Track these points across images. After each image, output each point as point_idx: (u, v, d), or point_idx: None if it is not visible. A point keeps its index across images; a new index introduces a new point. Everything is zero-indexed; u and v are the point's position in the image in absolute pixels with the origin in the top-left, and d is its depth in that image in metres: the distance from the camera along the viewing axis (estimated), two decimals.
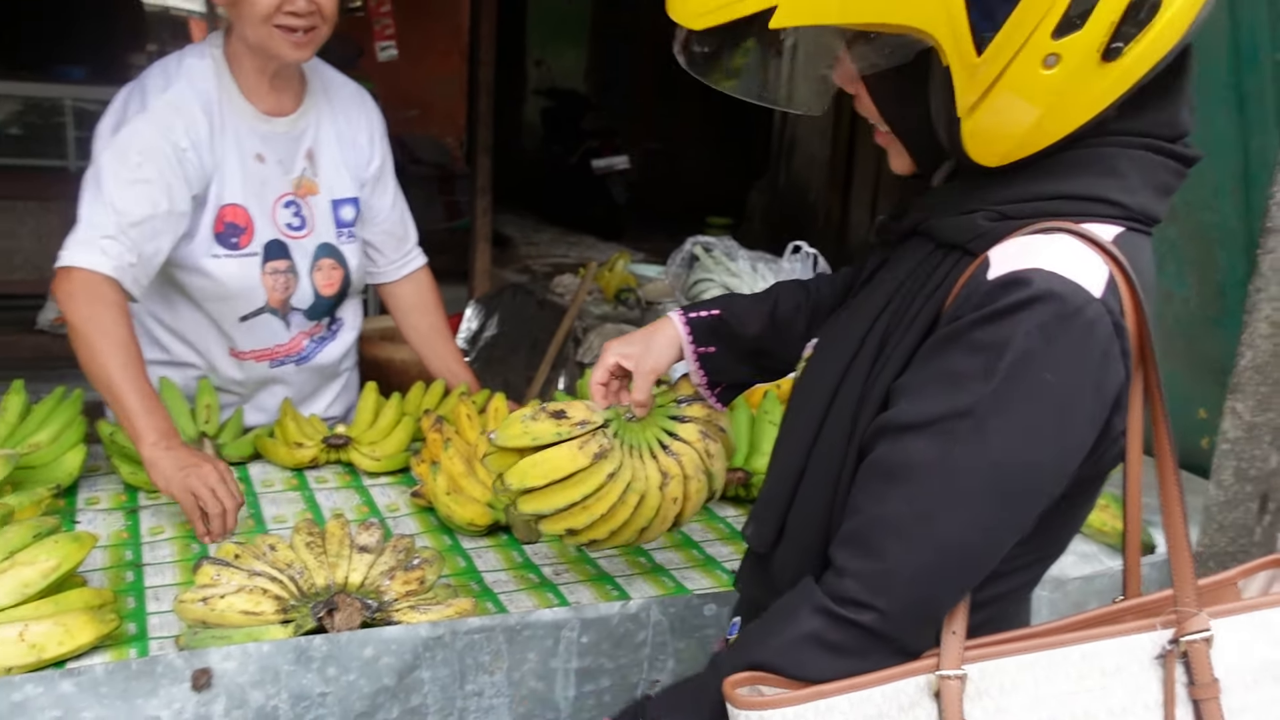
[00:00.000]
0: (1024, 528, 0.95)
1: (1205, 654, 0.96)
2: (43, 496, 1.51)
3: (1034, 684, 0.95)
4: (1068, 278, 0.89)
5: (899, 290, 1.05)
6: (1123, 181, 0.96)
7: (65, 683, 1.17)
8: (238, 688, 1.24)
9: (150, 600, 1.42)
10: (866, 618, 0.93)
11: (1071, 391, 0.90)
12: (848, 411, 1.03)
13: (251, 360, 2.01)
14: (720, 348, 1.38)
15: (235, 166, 1.87)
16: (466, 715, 1.37)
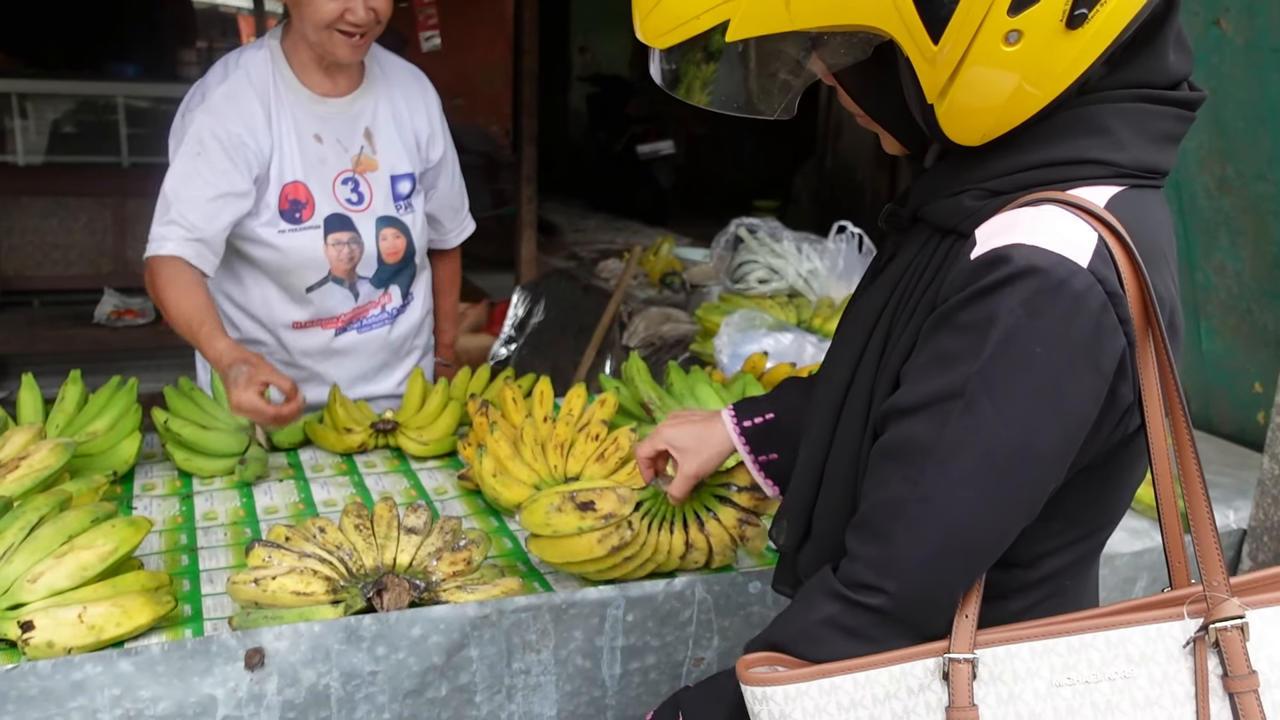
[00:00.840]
0: (1030, 507, 0.93)
1: (1240, 643, 0.92)
2: (100, 483, 1.55)
3: (1050, 671, 0.92)
4: (1050, 250, 0.87)
5: (901, 279, 1.03)
6: (1111, 139, 0.94)
7: (123, 662, 1.20)
8: (290, 666, 1.26)
9: (205, 583, 1.45)
10: (877, 600, 0.93)
11: (1064, 365, 0.88)
12: (862, 404, 1.03)
13: (316, 328, 2.08)
14: (783, 453, 1.33)
15: (294, 146, 1.98)
16: (514, 693, 1.39)
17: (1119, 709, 0.92)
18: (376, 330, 2.14)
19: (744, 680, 0.95)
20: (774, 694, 0.94)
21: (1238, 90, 1.95)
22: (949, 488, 0.91)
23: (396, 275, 2.12)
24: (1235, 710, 0.92)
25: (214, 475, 1.80)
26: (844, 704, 0.93)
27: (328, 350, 2.11)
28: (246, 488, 1.77)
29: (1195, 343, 2.24)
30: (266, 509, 1.70)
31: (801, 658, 0.95)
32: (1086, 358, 0.88)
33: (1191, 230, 2.14)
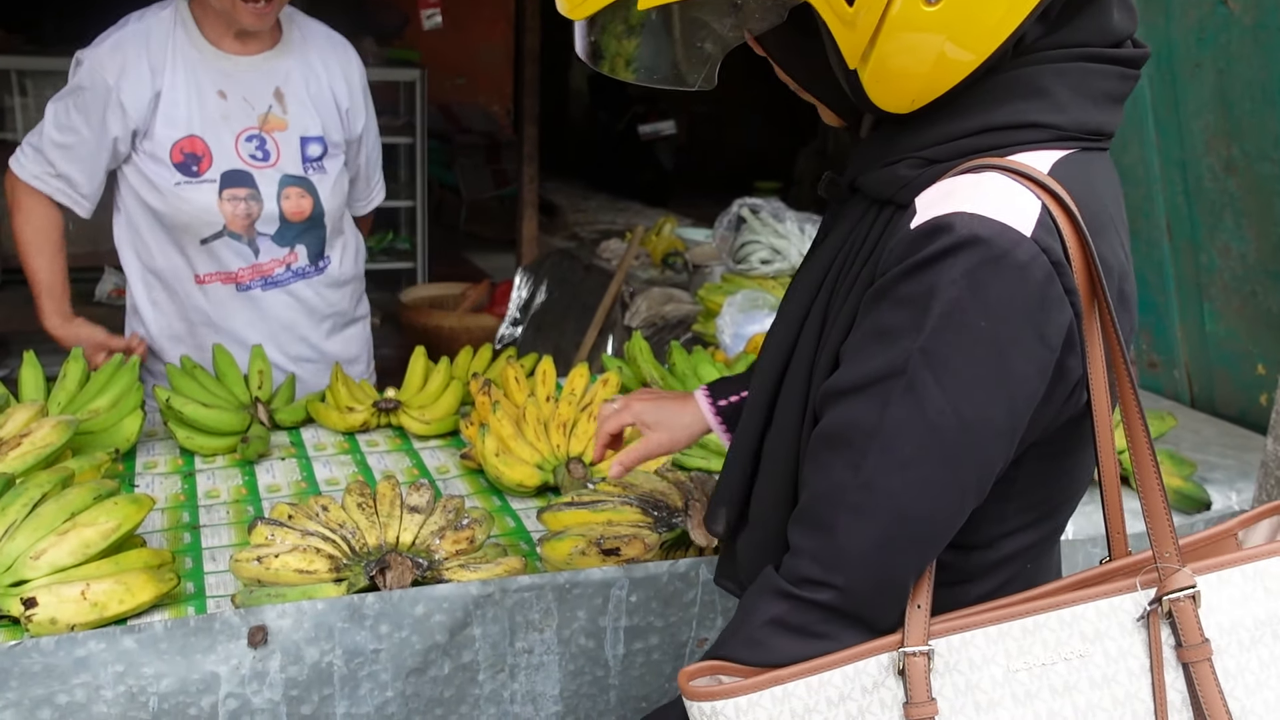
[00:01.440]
0: (979, 486, 0.89)
1: (1192, 612, 0.89)
2: (102, 460, 1.55)
3: (1006, 657, 0.89)
4: (992, 219, 0.83)
5: (839, 253, 1.00)
6: (1051, 100, 0.90)
7: (127, 639, 1.20)
8: (293, 644, 1.26)
9: (207, 561, 1.45)
10: (824, 596, 0.89)
11: (1008, 339, 0.84)
12: (800, 385, 0.99)
13: (216, 283, 2.09)
14: None
15: (191, 101, 2.01)
16: (517, 672, 1.39)
17: (1077, 688, 0.89)
18: (284, 288, 2.14)
19: (688, 695, 0.90)
20: (724, 708, 0.88)
21: (1245, 70, 1.93)
22: (893, 471, 0.87)
23: (302, 235, 2.12)
24: (1190, 680, 0.90)
25: (216, 453, 1.80)
26: (798, 711, 0.88)
27: (234, 306, 2.11)
28: (249, 466, 1.77)
29: (1199, 324, 2.24)
30: (269, 487, 1.70)
31: (748, 664, 0.90)
32: (1032, 330, 0.85)
33: (1196, 211, 2.13)
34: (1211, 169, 2.07)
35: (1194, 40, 1.99)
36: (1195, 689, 0.89)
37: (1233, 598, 0.91)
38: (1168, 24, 2.03)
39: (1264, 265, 2.05)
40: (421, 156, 5.77)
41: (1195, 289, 2.21)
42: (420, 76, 5.70)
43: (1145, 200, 2.22)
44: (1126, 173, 2.22)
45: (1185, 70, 2.04)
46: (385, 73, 5.91)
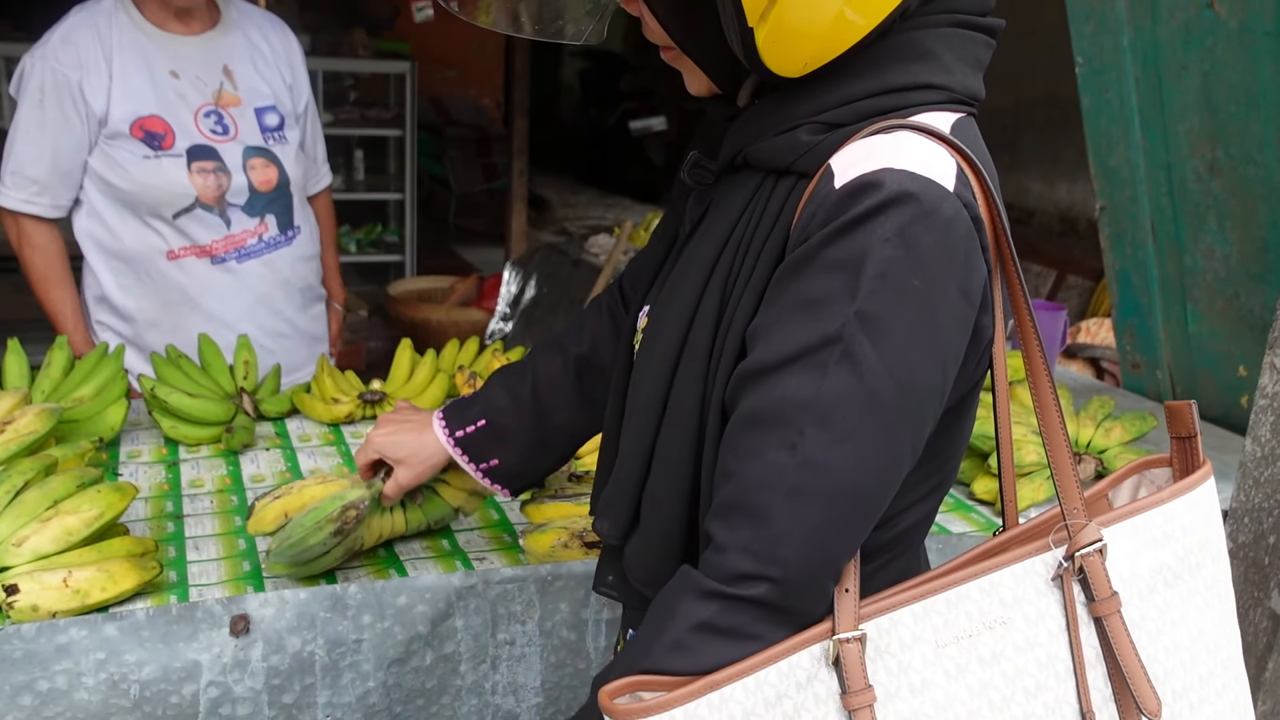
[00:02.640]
0: (914, 453, 0.87)
1: (1100, 566, 0.90)
2: (86, 449, 1.54)
3: (934, 632, 0.87)
4: (920, 174, 0.82)
5: (733, 231, 0.95)
6: (939, 63, 0.90)
7: (108, 626, 1.20)
8: (275, 634, 1.27)
9: (190, 550, 1.45)
10: (759, 590, 0.83)
11: (940, 296, 0.82)
12: (697, 375, 0.93)
13: (191, 258, 2.11)
14: (503, 456, 1.29)
15: (144, 83, 2.04)
16: (498, 664, 1.40)
17: (1004, 656, 0.88)
18: (257, 259, 2.16)
19: (614, 715, 0.83)
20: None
21: (1229, 74, 1.95)
22: (834, 445, 0.82)
23: (271, 204, 2.15)
24: (1102, 633, 0.90)
25: (200, 443, 1.80)
26: (736, 716, 0.83)
27: (210, 280, 2.13)
28: (233, 456, 1.77)
29: (1182, 325, 2.25)
30: (253, 477, 1.70)
31: (677, 674, 0.84)
32: (959, 286, 0.84)
33: (1181, 213, 2.15)
34: (1196, 171, 2.08)
35: (1180, 43, 2.01)
36: (1110, 642, 0.90)
37: (1126, 550, 0.92)
38: (1154, 26, 2.04)
39: (1246, 267, 2.07)
40: (411, 149, 5.76)
41: (1179, 290, 2.23)
42: (411, 68, 5.69)
43: (1130, 202, 2.24)
44: (1113, 174, 2.24)
45: (1171, 73, 2.05)
46: (376, 64, 5.89)
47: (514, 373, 1.30)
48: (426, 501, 1.44)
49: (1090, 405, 1.91)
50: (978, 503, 1.72)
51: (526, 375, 1.29)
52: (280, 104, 2.18)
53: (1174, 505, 0.95)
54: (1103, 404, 1.92)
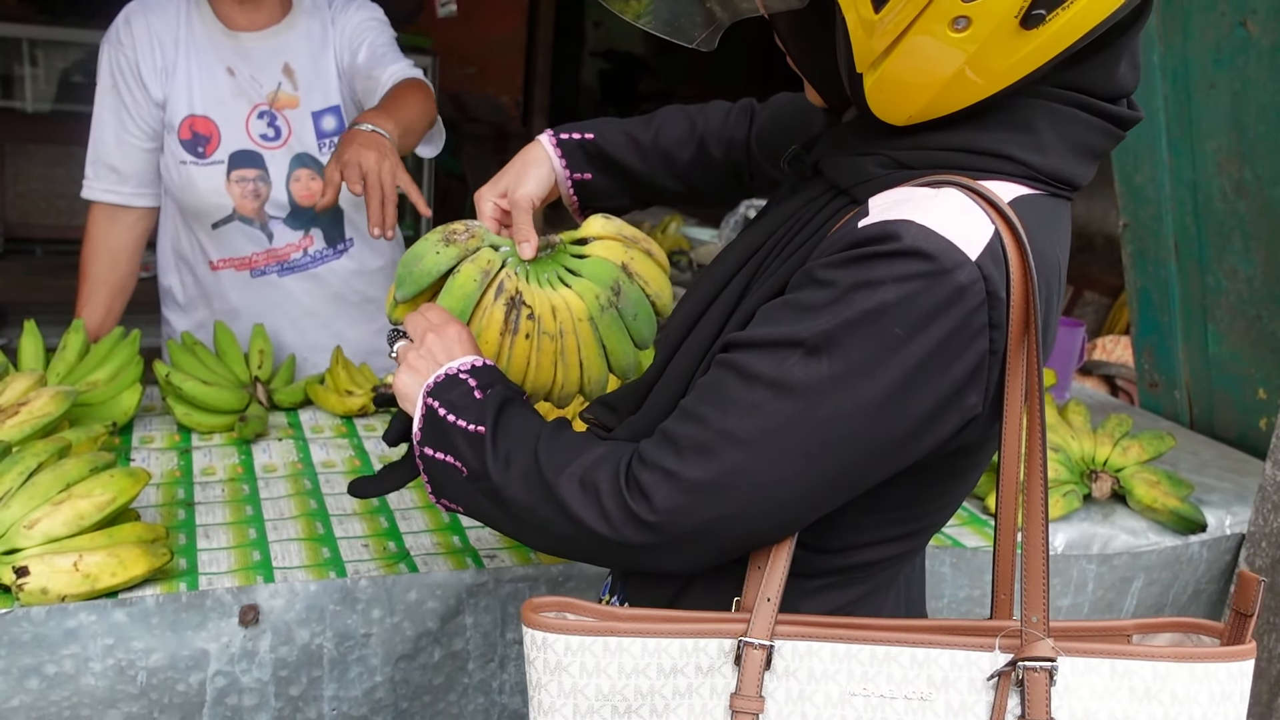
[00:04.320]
0: (832, 491, 0.87)
1: (1044, 686, 0.86)
2: (99, 433, 1.54)
3: (848, 678, 0.87)
4: (941, 235, 0.81)
5: (780, 227, 0.99)
6: (1034, 139, 0.88)
7: (118, 612, 1.19)
8: (284, 625, 1.26)
9: (201, 538, 1.44)
10: (641, 508, 0.86)
11: (918, 357, 0.81)
12: (705, 340, 0.98)
13: (230, 270, 2.07)
14: (595, 174, 1.30)
15: (202, 79, 1.98)
16: (507, 663, 1.39)
17: None
18: (302, 273, 2.10)
19: (526, 622, 0.90)
20: (554, 642, 0.88)
21: (1260, 94, 1.93)
22: (752, 431, 0.84)
23: (317, 218, 2.08)
24: None
25: (213, 431, 1.80)
26: (626, 669, 0.87)
27: (249, 293, 2.08)
28: (245, 445, 1.77)
29: (1202, 346, 2.23)
30: (265, 467, 1.69)
31: (543, 464, 0.90)
32: (943, 355, 0.82)
33: (1205, 232, 2.13)
34: (1222, 190, 2.07)
35: (1210, 60, 1.99)
36: None
37: (1094, 689, 0.88)
38: (1185, 43, 2.02)
39: (1270, 289, 2.05)
40: None
41: (1200, 310, 2.21)
42: (432, 64, 5.69)
43: (1154, 219, 2.22)
44: (1137, 191, 2.22)
45: (1200, 90, 2.03)
46: None
47: (632, 120, 1.32)
48: (585, 265, 1.23)
49: (1108, 423, 1.90)
50: (992, 517, 1.70)
51: (650, 126, 1.30)
52: (344, 102, 2.05)
53: (1174, 669, 0.89)
54: (1120, 422, 1.91)
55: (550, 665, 0.88)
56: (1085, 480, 1.76)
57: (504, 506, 0.94)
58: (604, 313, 1.22)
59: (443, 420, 0.98)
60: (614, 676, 0.87)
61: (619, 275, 1.22)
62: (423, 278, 1.17)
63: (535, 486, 0.91)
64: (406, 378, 1.03)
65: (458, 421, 0.97)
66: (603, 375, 1.26)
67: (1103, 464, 1.81)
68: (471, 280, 1.16)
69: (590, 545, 0.90)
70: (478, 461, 0.94)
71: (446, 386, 1.00)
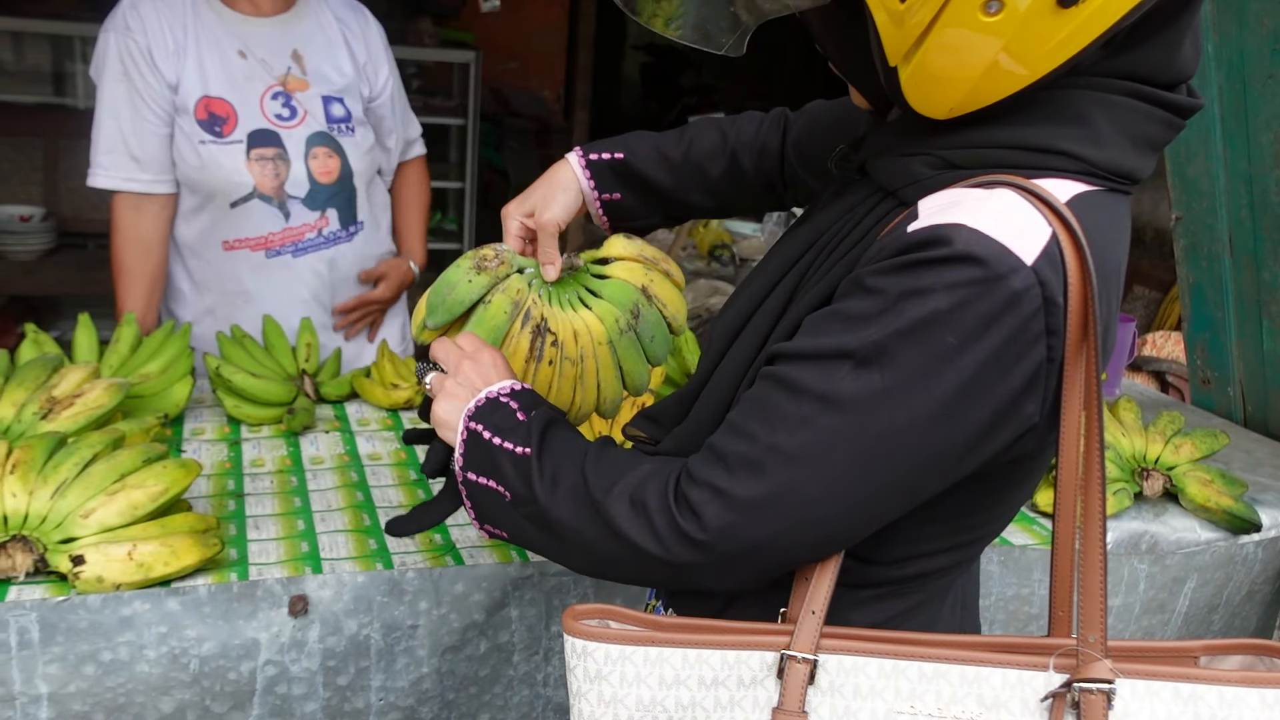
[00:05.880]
0: (885, 505, 0.85)
1: (1101, 709, 0.83)
2: (151, 424, 1.56)
3: (895, 695, 0.84)
4: (996, 240, 0.78)
5: (827, 231, 0.96)
6: (1089, 131, 0.85)
7: (171, 601, 1.21)
8: (332, 615, 1.27)
9: (250, 529, 1.46)
10: (691, 526, 0.84)
11: (973, 365, 0.79)
12: (750, 348, 0.96)
13: (246, 250, 2.09)
14: (625, 193, 1.28)
15: (215, 62, 2.02)
16: (551, 656, 1.39)
17: None
18: (315, 254, 2.13)
19: (568, 630, 0.89)
20: (594, 651, 0.86)
21: None
22: (804, 447, 0.82)
23: (333, 198, 2.12)
24: None
25: (262, 423, 1.82)
26: (667, 680, 0.86)
27: (262, 274, 2.11)
28: (293, 437, 1.79)
29: (1257, 343, 2.19)
30: (312, 459, 1.71)
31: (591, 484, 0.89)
32: (999, 364, 0.79)
33: (1261, 226, 2.09)
34: (1279, 183, 2.02)
35: (1268, 51, 1.95)
36: None
37: (1155, 714, 0.85)
38: (1241, 33, 1.98)
39: None
40: (473, 138, 5.78)
41: (1255, 306, 2.17)
42: (475, 58, 5.71)
43: (1208, 213, 2.18)
44: (1191, 184, 2.18)
45: (1257, 81, 1.99)
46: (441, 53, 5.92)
47: (663, 135, 1.30)
48: (605, 287, 1.26)
49: (1159, 420, 1.87)
50: (1040, 514, 1.69)
51: (681, 140, 1.28)
52: (349, 92, 2.14)
53: (1244, 694, 0.85)
54: (1172, 419, 1.88)
55: (590, 674, 0.87)
56: (1136, 478, 1.74)
57: (550, 529, 0.92)
58: (623, 336, 1.24)
59: (487, 444, 0.97)
60: (654, 687, 0.86)
61: (638, 298, 1.25)
62: (456, 307, 1.19)
63: (583, 506, 0.90)
64: (445, 405, 1.02)
65: (503, 444, 0.96)
66: (618, 395, 1.28)
67: (1154, 462, 1.78)
68: (502, 312, 1.18)
69: (639, 565, 0.88)
70: (523, 484, 0.93)
71: (489, 410, 0.99)
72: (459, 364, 1.05)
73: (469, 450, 0.98)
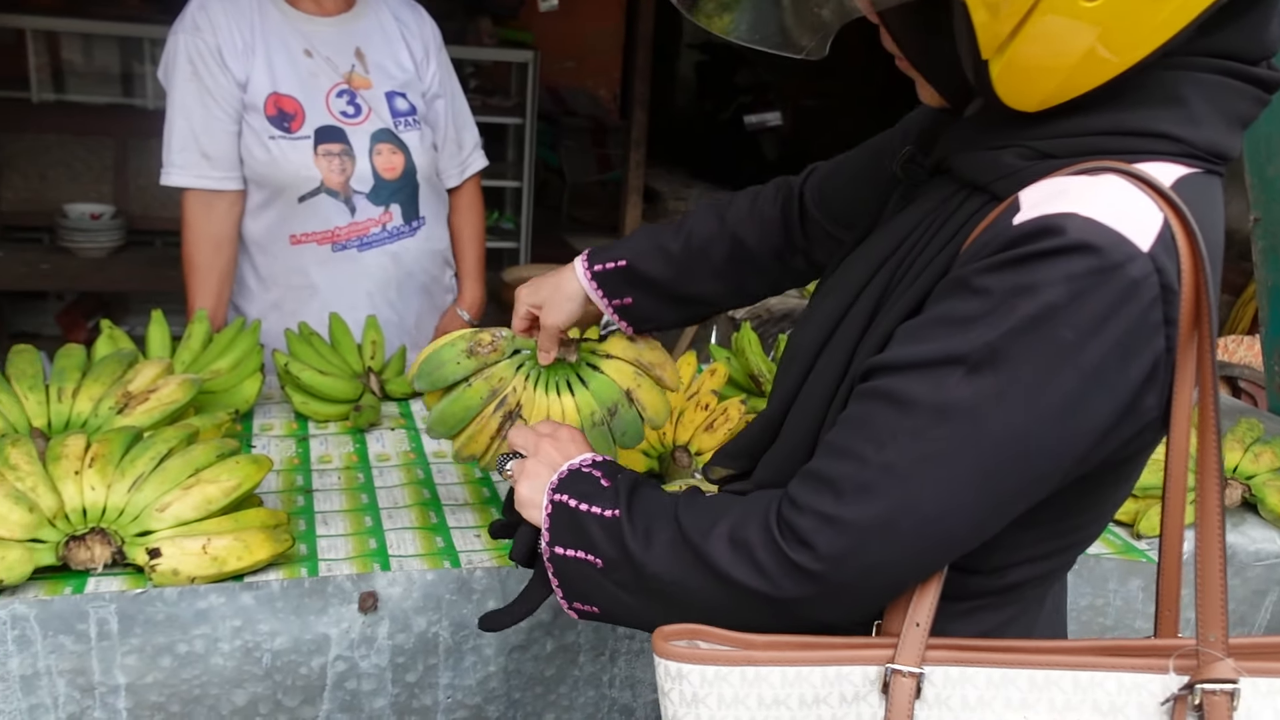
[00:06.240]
0: (1006, 512, 0.82)
1: (1225, 711, 0.80)
2: (222, 420, 1.58)
3: (1005, 705, 0.82)
4: (1110, 227, 0.75)
5: (912, 233, 0.92)
6: (1187, 112, 0.82)
7: (245, 595, 1.23)
8: (402, 613, 1.28)
9: (319, 524, 1.47)
10: (802, 557, 0.81)
11: (1093, 361, 0.76)
12: (839, 361, 0.92)
13: (313, 244, 2.12)
14: (636, 297, 1.29)
15: (282, 60, 2.06)
16: (617, 657, 1.39)
17: None
18: (379, 249, 2.16)
19: (659, 653, 0.85)
20: (690, 673, 0.83)
21: None
22: (919, 462, 0.79)
23: (396, 193, 2.15)
24: None
25: (329, 420, 1.83)
26: (765, 700, 0.83)
27: (329, 269, 2.13)
28: (359, 434, 1.80)
29: None
30: (378, 456, 1.72)
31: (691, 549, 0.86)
32: (1120, 358, 0.76)
33: None
34: None
35: None
36: None
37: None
38: None
39: None
40: (530, 138, 5.81)
41: None
42: (533, 58, 5.74)
43: None
44: (1270, 184, 2.13)
45: None
46: (500, 53, 5.96)
47: (664, 228, 1.31)
48: (592, 380, 1.35)
49: (1238, 428, 1.82)
50: (1114, 523, 1.65)
51: (680, 232, 1.29)
52: (411, 88, 2.18)
53: None
54: (1250, 427, 1.83)
55: (686, 697, 0.84)
56: None
57: (646, 588, 0.90)
58: (595, 429, 1.34)
59: (574, 511, 0.96)
60: (753, 708, 0.83)
61: (620, 399, 1.35)
62: (439, 381, 1.33)
63: (682, 555, 0.88)
64: (529, 484, 1.03)
65: (590, 509, 0.95)
66: None
67: (1232, 470, 1.73)
68: (479, 396, 1.32)
69: (746, 607, 0.85)
70: (615, 546, 0.92)
71: (572, 481, 0.99)
72: (538, 445, 1.06)
73: (555, 523, 0.97)
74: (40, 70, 4.83)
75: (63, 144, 4.72)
